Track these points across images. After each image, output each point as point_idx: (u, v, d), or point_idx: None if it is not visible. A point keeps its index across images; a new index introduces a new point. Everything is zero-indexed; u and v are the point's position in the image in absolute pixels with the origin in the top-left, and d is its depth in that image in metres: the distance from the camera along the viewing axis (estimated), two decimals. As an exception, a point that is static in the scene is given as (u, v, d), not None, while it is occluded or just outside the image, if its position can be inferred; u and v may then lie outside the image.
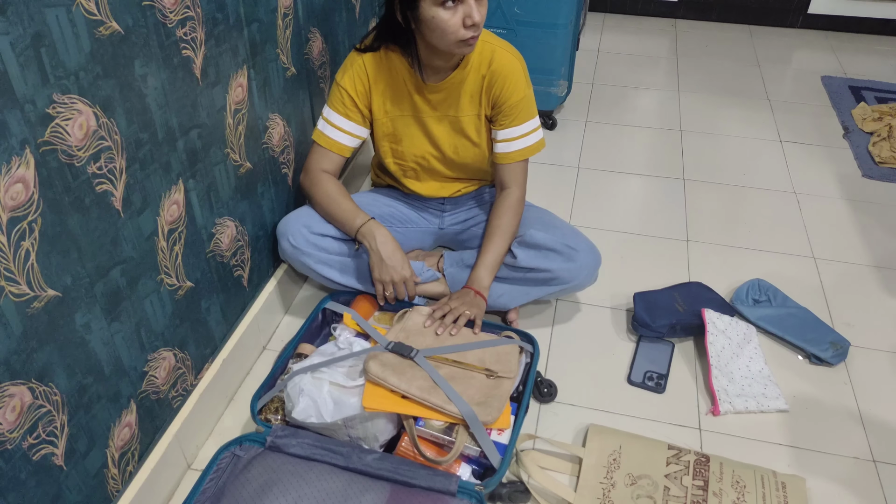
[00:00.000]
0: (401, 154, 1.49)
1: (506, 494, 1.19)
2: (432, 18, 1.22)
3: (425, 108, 1.42)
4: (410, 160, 1.50)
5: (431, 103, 1.42)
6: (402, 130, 1.46)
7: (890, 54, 2.95)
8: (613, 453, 1.27)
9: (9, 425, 0.84)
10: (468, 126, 1.45)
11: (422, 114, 1.43)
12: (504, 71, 1.38)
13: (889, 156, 2.22)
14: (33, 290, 0.84)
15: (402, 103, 1.42)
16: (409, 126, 1.45)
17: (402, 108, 1.43)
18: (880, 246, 1.85)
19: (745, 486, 1.22)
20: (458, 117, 1.44)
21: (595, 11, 3.30)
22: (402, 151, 1.49)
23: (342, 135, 1.43)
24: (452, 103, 1.42)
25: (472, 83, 1.40)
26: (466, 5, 1.21)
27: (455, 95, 1.41)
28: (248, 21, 1.25)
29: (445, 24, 1.22)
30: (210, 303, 1.28)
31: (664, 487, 1.21)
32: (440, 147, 1.48)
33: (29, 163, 0.80)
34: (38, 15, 0.77)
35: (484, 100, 1.42)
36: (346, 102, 1.40)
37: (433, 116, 1.44)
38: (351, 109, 1.41)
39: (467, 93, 1.41)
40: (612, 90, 2.66)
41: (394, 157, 1.51)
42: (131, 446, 1.11)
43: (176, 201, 1.11)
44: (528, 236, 1.46)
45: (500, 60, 1.37)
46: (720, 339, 1.48)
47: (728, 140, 2.35)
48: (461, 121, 1.44)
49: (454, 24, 1.22)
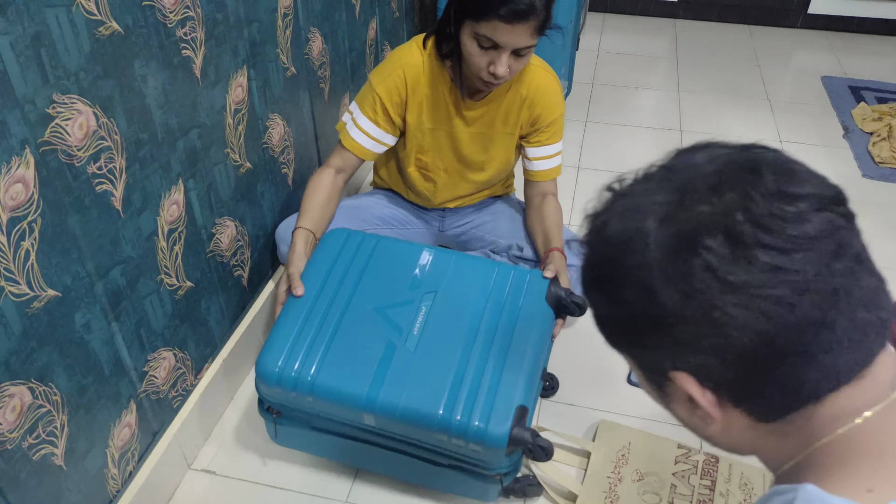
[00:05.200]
0: (424, 164, 1.47)
1: (518, 489, 1.20)
2: (465, 46, 1.23)
3: (460, 123, 1.40)
4: (433, 170, 1.49)
5: (467, 119, 1.40)
6: (431, 143, 1.43)
7: (890, 54, 2.95)
8: (623, 449, 1.28)
9: (9, 425, 0.84)
10: (498, 144, 1.44)
11: (455, 129, 1.41)
12: (544, 90, 1.38)
13: (889, 156, 2.22)
14: (33, 290, 0.84)
15: (437, 116, 1.39)
16: (439, 139, 1.43)
17: (436, 121, 1.40)
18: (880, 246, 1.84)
19: (753, 488, 1.22)
20: (490, 135, 1.42)
21: (595, 11, 3.30)
22: (426, 162, 1.47)
23: (367, 139, 1.38)
24: (488, 122, 1.41)
25: (510, 102, 1.39)
26: (496, 54, 1.21)
27: (492, 114, 1.40)
28: (248, 21, 1.25)
29: (472, 59, 1.23)
30: (210, 303, 1.28)
31: (671, 485, 1.21)
32: (466, 162, 1.47)
33: (29, 163, 0.80)
34: (38, 15, 0.77)
35: (522, 119, 1.40)
36: (377, 109, 1.36)
37: (466, 132, 1.42)
38: (381, 116, 1.37)
39: (504, 111, 1.39)
40: (612, 90, 2.65)
41: (417, 165, 1.49)
42: (131, 446, 1.11)
43: (176, 201, 1.11)
44: (525, 253, 1.46)
45: (540, 80, 1.37)
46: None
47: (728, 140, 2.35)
48: (493, 138, 1.43)
49: (480, 63, 1.23)
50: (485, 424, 1.03)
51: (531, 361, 1.12)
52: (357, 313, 1.17)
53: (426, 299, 1.19)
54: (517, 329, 1.15)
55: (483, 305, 1.19)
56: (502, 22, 1.15)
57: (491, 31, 1.17)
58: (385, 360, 1.10)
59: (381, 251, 1.27)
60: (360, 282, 1.22)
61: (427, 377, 1.08)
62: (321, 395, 1.08)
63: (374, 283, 1.22)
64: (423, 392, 1.06)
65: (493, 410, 1.04)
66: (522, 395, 1.07)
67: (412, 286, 1.21)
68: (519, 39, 1.18)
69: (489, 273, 1.24)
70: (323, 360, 1.10)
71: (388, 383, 1.07)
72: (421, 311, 1.17)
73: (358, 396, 1.06)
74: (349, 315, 1.17)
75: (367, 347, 1.12)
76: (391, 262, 1.25)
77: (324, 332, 1.13)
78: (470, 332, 1.15)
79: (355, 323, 1.15)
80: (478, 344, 1.13)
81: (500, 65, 1.21)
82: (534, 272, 1.25)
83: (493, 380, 1.08)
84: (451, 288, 1.21)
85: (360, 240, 1.29)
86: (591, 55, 2.90)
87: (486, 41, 1.19)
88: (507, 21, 1.15)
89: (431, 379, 1.08)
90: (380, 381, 1.08)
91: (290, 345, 1.11)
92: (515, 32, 1.17)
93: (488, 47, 1.20)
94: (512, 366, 1.10)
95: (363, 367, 1.09)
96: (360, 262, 1.25)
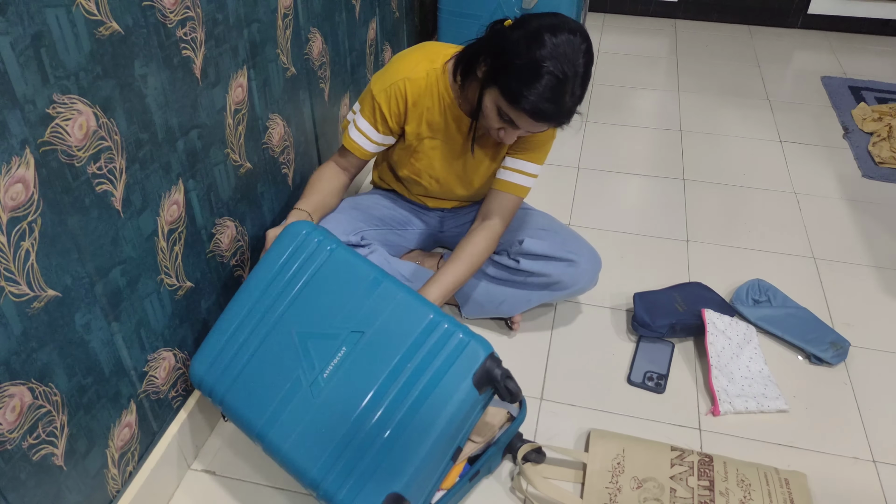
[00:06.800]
0: (417, 171, 1.48)
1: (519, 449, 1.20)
2: (484, 103, 1.21)
3: (458, 140, 1.40)
4: (424, 177, 1.49)
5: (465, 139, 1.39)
6: (426, 152, 1.43)
7: (890, 54, 2.96)
8: (617, 457, 1.27)
9: (9, 425, 0.84)
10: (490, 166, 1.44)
11: (453, 143, 1.41)
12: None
13: (889, 156, 2.22)
14: (33, 290, 0.84)
15: (437, 129, 1.39)
16: (435, 149, 1.42)
17: (434, 132, 1.40)
18: (880, 246, 1.85)
19: (751, 484, 1.22)
20: (483, 158, 1.43)
21: (595, 11, 3.30)
22: (419, 169, 1.47)
23: (366, 141, 1.39)
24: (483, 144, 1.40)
25: None
26: (510, 128, 1.21)
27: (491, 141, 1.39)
28: (248, 21, 1.25)
29: (486, 113, 1.22)
30: (210, 303, 1.28)
31: (670, 489, 1.21)
32: (457, 174, 1.47)
33: (29, 163, 0.80)
34: (38, 15, 0.77)
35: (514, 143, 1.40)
36: (376, 116, 1.36)
37: (461, 149, 1.42)
38: (380, 122, 1.37)
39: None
40: (612, 90, 2.66)
41: (409, 170, 1.49)
42: (131, 446, 1.11)
43: (176, 201, 1.11)
44: (525, 246, 1.45)
45: None
46: (720, 340, 1.48)
47: (728, 140, 2.35)
48: (484, 161, 1.43)
49: (492, 124, 1.23)
50: (350, 500, 1.00)
51: (428, 448, 1.02)
52: (282, 335, 1.13)
53: (350, 339, 1.09)
54: (428, 405, 1.03)
55: (404, 366, 1.05)
56: (527, 115, 1.15)
57: (513, 115, 1.17)
58: (287, 397, 1.08)
59: (332, 264, 1.15)
60: (298, 297, 1.14)
61: (317, 430, 1.05)
62: (226, 411, 1.14)
63: (309, 302, 1.14)
64: (308, 444, 1.05)
65: (365, 489, 1.00)
66: (402, 482, 1.00)
67: (343, 317, 1.10)
68: (537, 129, 1.21)
69: (427, 330, 1.06)
70: (237, 378, 1.13)
71: (280, 424, 1.07)
72: (340, 351, 1.09)
73: (253, 426, 1.09)
74: (274, 334, 1.13)
75: (278, 376, 1.10)
76: (335, 281, 1.14)
77: (246, 349, 1.14)
78: (378, 393, 1.04)
79: (276, 345, 1.12)
80: (381, 410, 1.03)
81: (510, 136, 1.23)
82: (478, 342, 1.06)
83: (379, 456, 1.01)
84: (379, 334, 1.08)
85: (316, 244, 1.17)
86: (591, 55, 2.90)
87: (506, 116, 1.19)
88: (531, 117, 1.15)
89: (320, 434, 1.05)
90: (276, 417, 1.08)
91: (216, 355, 1.15)
92: (536, 126, 1.18)
93: (506, 120, 1.20)
94: (404, 447, 1.02)
95: (266, 397, 1.09)
96: (307, 270, 1.16)
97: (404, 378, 1.05)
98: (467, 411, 1.05)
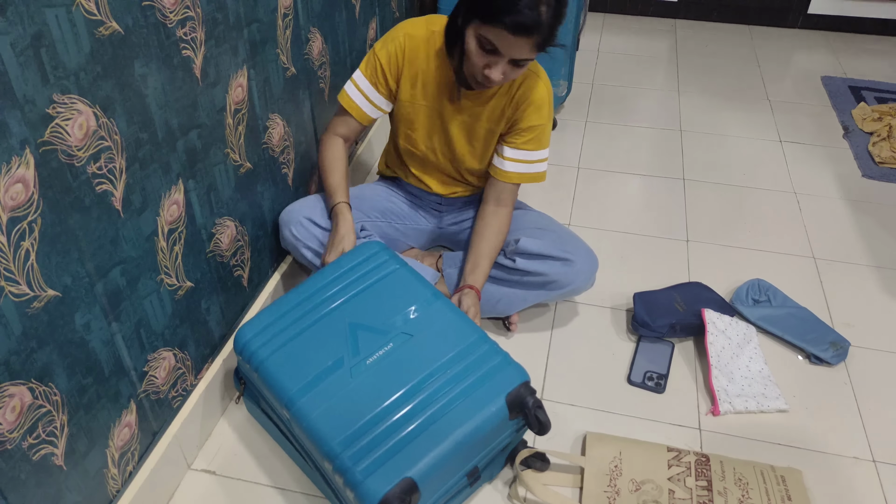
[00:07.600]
0: (413, 141, 1.51)
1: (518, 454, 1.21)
2: (467, 43, 1.25)
3: (448, 107, 1.43)
4: (420, 148, 1.51)
5: (456, 105, 1.43)
6: (419, 119, 1.47)
7: (890, 54, 2.95)
8: (614, 460, 1.27)
9: (9, 425, 0.84)
10: (479, 137, 1.46)
11: (444, 111, 1.44)
12: (531, 97, 1.40)
13: (889, 156, 2.22)
14: (33, 290, 0.84)
15: (428, 94, 1.43)
16: (428, 117, 1.46)
17: (426, 99, 1.44)
18: (880, 246, 1.85)
19: (748, 482, 1.22)
20: (474, 126, 1.45)
21: (595, 11, 3.30)
22: (415, 139, 1.50)
23: (365, 101, 1.44)
24: (475, 113, 1.43)
25: (499, 100, 1.41)
26: (494, 59, 1.23)
27: (480, 109, 1.42)
28: (248, 21, 1.25)
29: (471, 57, 1.26)
30: (210, 303, 1.28)
31: (669, 490, 1.21)
32: (451, 147, 1.49)
33: (29, 163, 0.80)
34: (38, 15, 0.77)
35: (505, 118, 1.43)
36: (377, 72, 1.41)
37: (453, 118, 1.45)
38: (380, 80, 1.42)
39: (491, 108, 1.42)
40: (612, 90, 2.66)
41: (406, 140, 1.52)
42: (131, 446, 1.11)
43: (176, 201, 1.11)
44: (521, 245, 1.45)
45: (531, 86, 1.39)
46: (720, 339, 1.48)
47: (728, 140, 2.35)
48: (476, 130, 1.45)
49: (478, 63, 1.25)
50: (364, 477, 1.01)
51: (449, 448, 1.05)
52: (333, 321, 1.21)
53: (399, 339, 1.18)
54: (459, 408, 1.08)
55: (444, 371, 1.12)
56: (506, 31, 1.18)
57: (494, 37, 1.20)
58: (326, 372, 1.13)
59: (395, 278, 1.28)
60: (357, 296, 1.25)
61: (348, 406, 1.09)
62: (262, 375, 1.17)
63: (366, 302, 1.24)
64: (335, 417, 1.07)
65: (381, 469, 1.01)
66: (419, 470, 1.02)
67: (396, 321, 1.20)
68: (519, 51, 1.21)
69: (473, 346, 1.17)
70: (281, 348, 1.18)
71: (314, 393, 1.11)
72: (388, 345, 1.16)
73: (285, 390, 1.12)
74: (326, 320, 1.22)
75: (321, 354, 1.16)
76: (395, 291, 1.26)
77: (297, 326, 1.21)
78: (414, 388, 1.10)
79: (326, 329, 1.20)
80: (413, 402, 1.08)
81: (496, 70, 1.24)
82: (517, 368, 1.15)
83: (402, 442, 1.04)
84: (427, 340, 1.17)
85: (384, 261, 1.31)
86: (591, 55, 2.90)
87: (488, 44, 1.22)
88: (510, 31, 1.17)
89: (349, 410, 1.08)
90: (310, 387, 1.12)
91: (266, 325, 1.21)
92: (517, 44, 1.20)
93: (489, 50, 1.22)
94: (428, 440, 1.05)
95: (305, 369, 1.14)
96: (371, 278, 1.28)
97: (442, 380, 1.12)
98: (494, 428, 1.10)
